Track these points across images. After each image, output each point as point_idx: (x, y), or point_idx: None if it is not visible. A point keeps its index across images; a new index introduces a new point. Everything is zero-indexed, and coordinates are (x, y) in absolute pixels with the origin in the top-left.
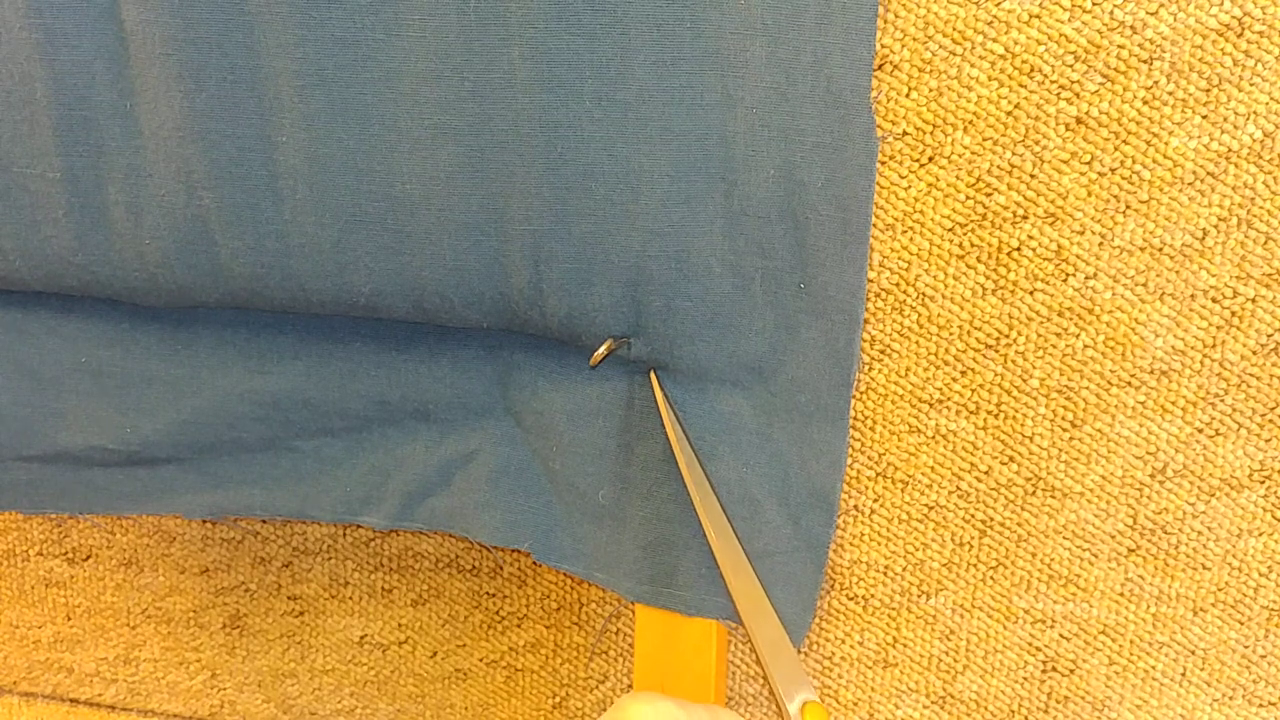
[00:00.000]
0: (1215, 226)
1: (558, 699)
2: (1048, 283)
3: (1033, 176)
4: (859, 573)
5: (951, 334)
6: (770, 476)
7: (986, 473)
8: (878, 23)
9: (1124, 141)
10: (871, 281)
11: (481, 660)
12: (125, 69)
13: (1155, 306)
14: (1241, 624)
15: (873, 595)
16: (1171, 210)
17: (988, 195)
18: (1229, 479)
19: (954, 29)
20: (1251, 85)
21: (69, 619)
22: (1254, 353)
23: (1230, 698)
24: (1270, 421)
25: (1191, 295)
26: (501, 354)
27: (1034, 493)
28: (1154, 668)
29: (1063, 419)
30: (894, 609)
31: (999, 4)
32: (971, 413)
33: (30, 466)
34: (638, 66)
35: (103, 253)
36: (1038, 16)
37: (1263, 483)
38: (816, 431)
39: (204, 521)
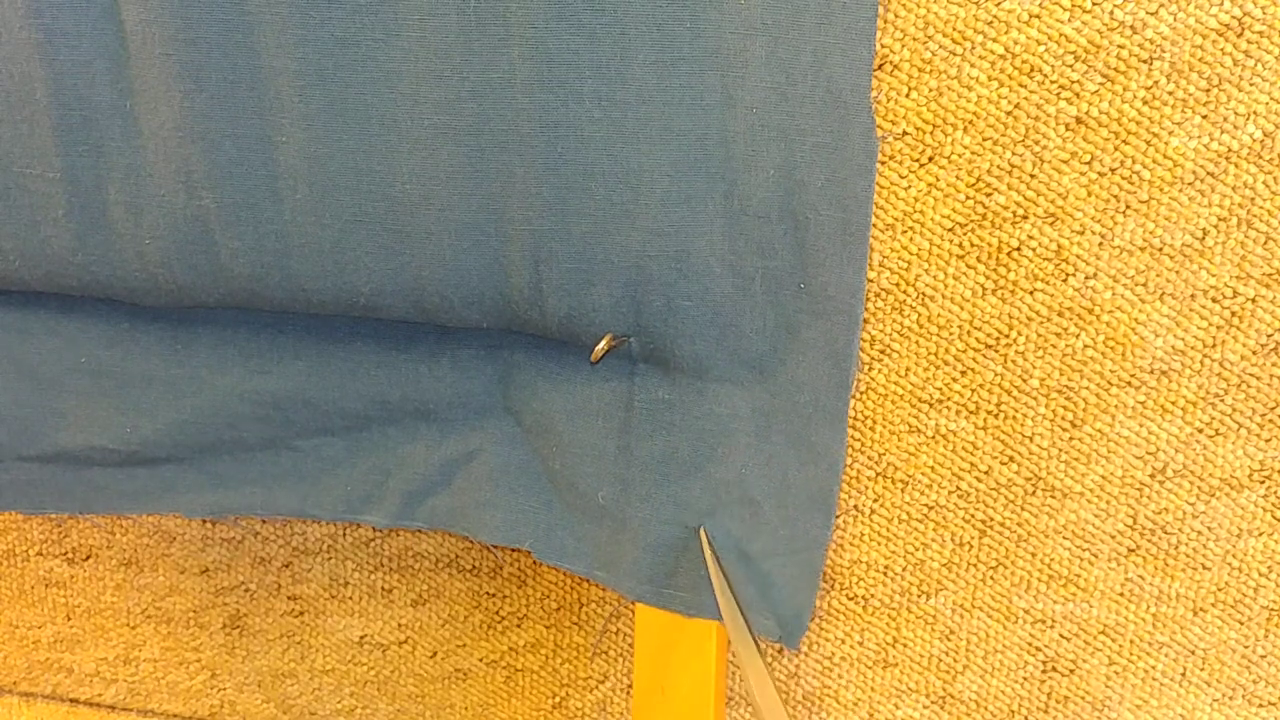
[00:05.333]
0: (1215, 226)
1: (558, 699)
2: (1048, 283)
3: (1033, 176)
4: (859, 573)
5: (951, 334)
6: (769, 477)
7: (986, 473)
8: (878, 23)
9: (1124, 141)
10: (871, 281)
11: (481, 660)
12: (125, 69)
13: (1155, 306)
14: (1241, 624)
15: (873, 595)
16: (1171, 210)
17: (988, 195)
18: (1229, 479)
19: (954, 29)
20: (1251, 85)
21: (69, 619)
22: (1254, 353)
23: (1230, 698)
24: (1270, 421)
25: (1191, 295)
26: (501, 354)
27: (1034, 493)
28: (1154, 668)
29: (1063, 419)
30: (894, 609)
31: (999, 4)
32: (971, 413)
33: (30, 466)
34: (638, 66)
35: (103, 253)
36: (1038, 16)
37: (1263, 483)
38: (815, 433)
39: (204, 521)
